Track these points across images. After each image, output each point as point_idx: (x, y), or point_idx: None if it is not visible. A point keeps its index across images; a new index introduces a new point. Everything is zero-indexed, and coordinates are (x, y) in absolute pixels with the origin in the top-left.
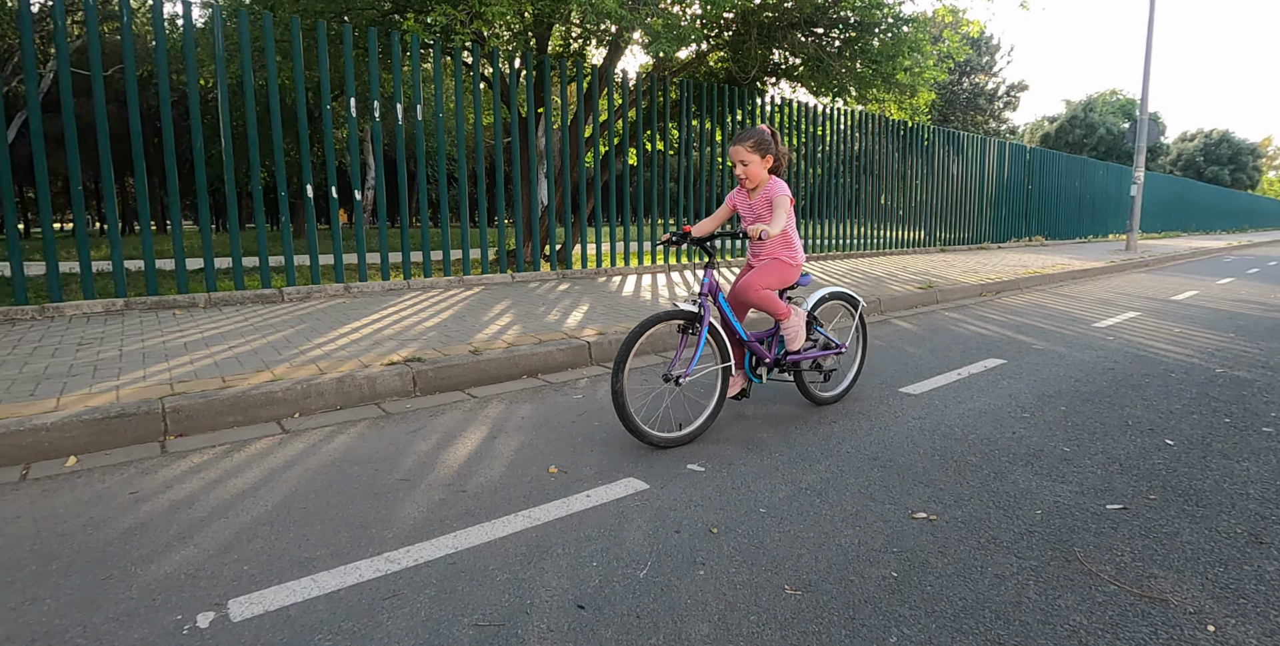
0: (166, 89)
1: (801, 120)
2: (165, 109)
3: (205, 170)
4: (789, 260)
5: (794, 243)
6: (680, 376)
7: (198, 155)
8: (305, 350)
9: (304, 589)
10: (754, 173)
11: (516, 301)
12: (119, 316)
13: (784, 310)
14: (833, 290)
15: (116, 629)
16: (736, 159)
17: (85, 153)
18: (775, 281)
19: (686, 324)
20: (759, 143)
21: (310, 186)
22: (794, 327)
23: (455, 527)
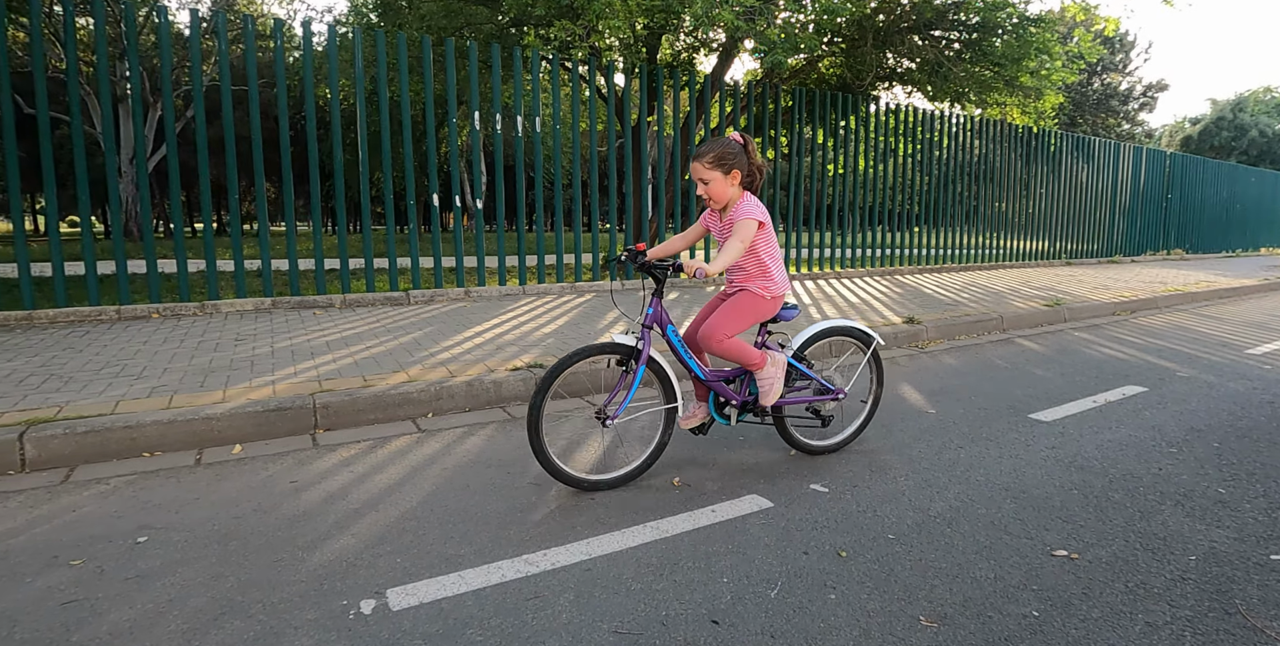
0: (313, 104)
1: (916, 126)
2: (311, 120)
3: (343, 177)
4: (761, 291)
5: (771, 270)
6: (609, 418)
7: (337, 164)
8: (434, 353)
9: (453, 584)
10: (716, 191)
11: (628, 309)
12: (267, 314)
13: (757, 359)
14: (834, 324)
15: (291, 609)
16: (695, 176)
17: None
18: (744, 322)
19: (624, 359)
20: (719, 157)
21: (436, 195)
22: (769, 379)
23: (586, 534)
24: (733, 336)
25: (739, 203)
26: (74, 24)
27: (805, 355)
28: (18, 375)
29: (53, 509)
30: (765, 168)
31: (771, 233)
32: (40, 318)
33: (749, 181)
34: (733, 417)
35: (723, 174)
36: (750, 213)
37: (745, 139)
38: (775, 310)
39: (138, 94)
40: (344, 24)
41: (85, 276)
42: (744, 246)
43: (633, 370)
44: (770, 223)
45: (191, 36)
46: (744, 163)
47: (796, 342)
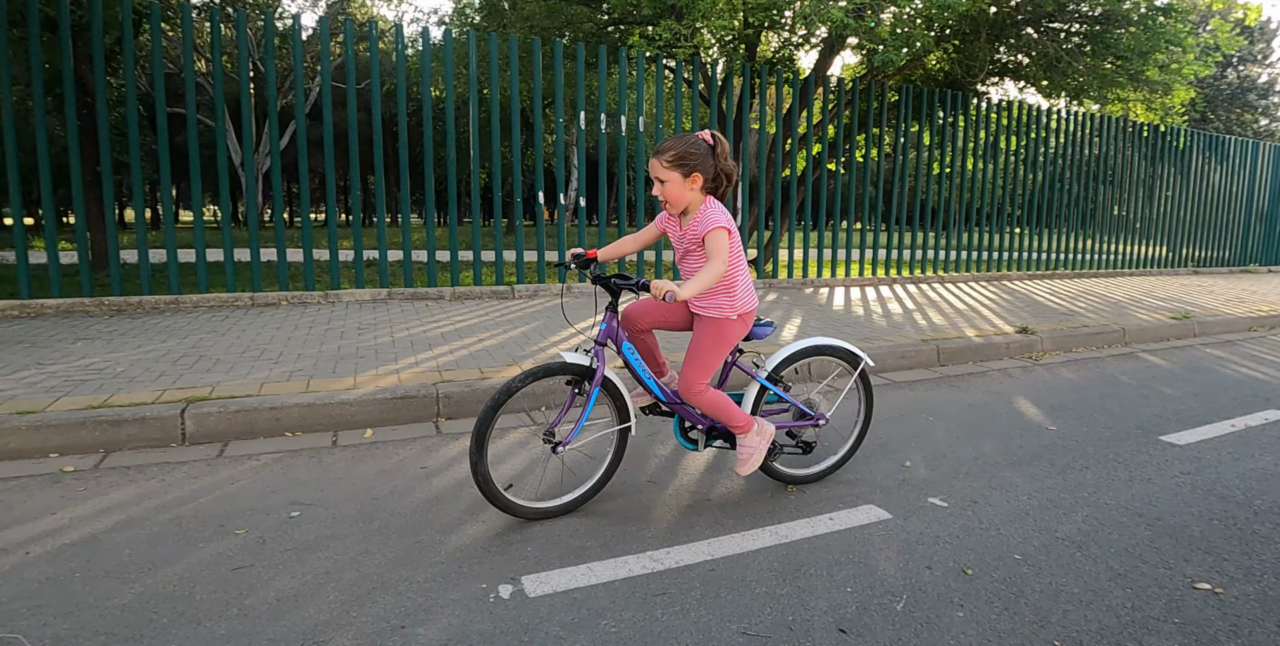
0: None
1: (1027, 123)
2: (425, 118)
3: (455, 171)
4: (726, 311)
5: (736, 282)
6: (559, 443)
7: (450, 162)
8: (544, 348)
9: (583, 575)
10: (673, 194)
11: None
12: (384, 304)
13: (742, 421)
14: (816, 343)
15: (435, 588)
16: (652, 174)
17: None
18: (717, 358)
19: (576, 379)
20: (679, 156)
21: (541, 192)
22: (750, 448)
23: (707, 535)
24: (708, 382)
25: (702, 209)
26: (220, 31)
27: (782, 377)
28: (172, 355)
29: (213, 480)
30: (736, 172)
31: (738, 241)
32: (185, 302)
33: (714, 187)
34: (700, 443)
35: (682, 175)
36: (716, 221)
37: (716, 140)
38: (744, 330)
39: (272, 93)
40: (450, 25)
41: (224, 264)
42: (724, 267)
43: (586, 392)
44: (736, 228)
45: (294, 37)
46: (708, 165)
47: (772, 363)
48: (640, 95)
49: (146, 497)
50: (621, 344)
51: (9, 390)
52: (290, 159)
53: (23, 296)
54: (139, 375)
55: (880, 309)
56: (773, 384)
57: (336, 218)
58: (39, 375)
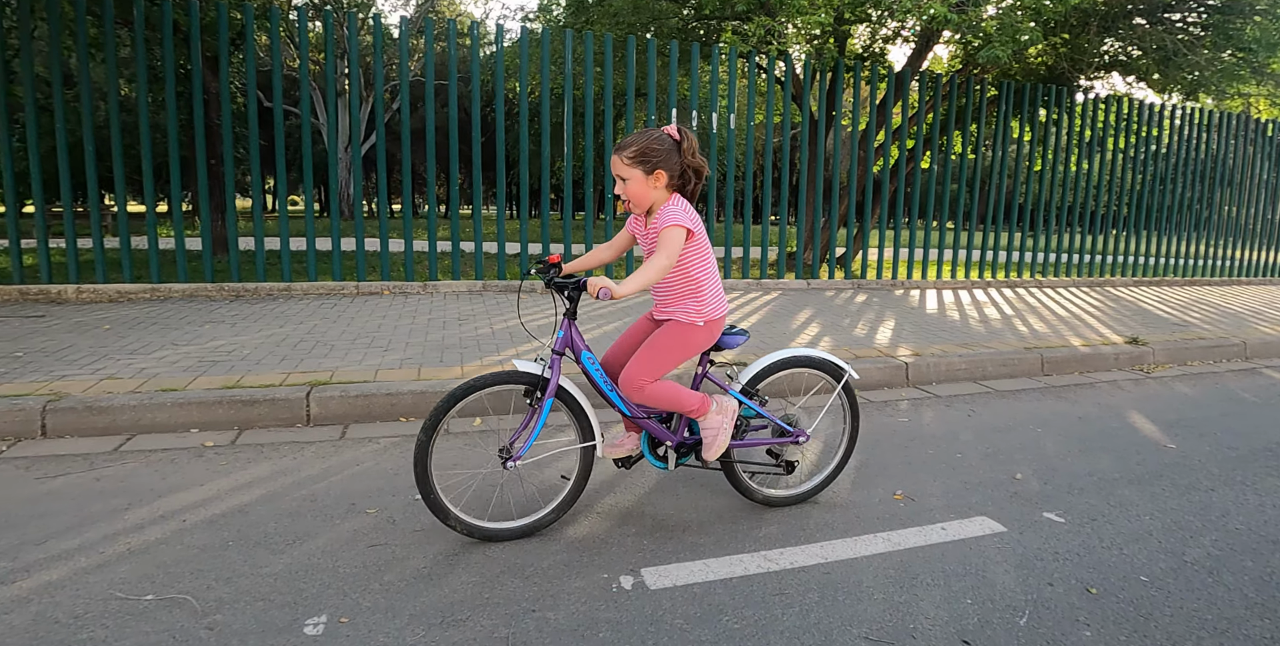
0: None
1: (1134, 119)
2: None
3: (550, 164)
4: (693, 317)
5: (703, 288)
6: (511, 459)
7: (544, 156)
8: None
9: (700, 571)
10: (635, 192)
11: (818, 310)
12: (479, 296)
13: (695, 404)
14: (795, 354)
15: (559, 575)
16: (614, 172)
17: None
18: (671, 360)
19: (531, 389)
20: (640, 152)
21: None
22: (714, 429)
23: (818, 538)
24: (658, 380)
25: (663, 207)
26: (307, 29)
27: (758, 390)
28: (291, 340)
29: (340, 461)
30: (705, 169)
31: (705, 243)
32: (296, 290)
33: (680, 184)
34: (670, 461)
35: (644, 173)
36: (675, 218)
37: (682, 135)
38: (711, 339)
39: (355, 89)
40: (534, 20)
41: (332, 254)
42: (670, 263)
43: (538, 403)
44: (703, 231)
45: (401, 34)
46: (673, 162)
47: (746, 376)
48: (731, 90)
49: (282, 474)
50: (581, 353)
51: (151, 368)
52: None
53: (153, 280)
54: (264, 358)
55: (976, 313)
56: (748, 397)
57: (435, 210)
58: (175, 355)
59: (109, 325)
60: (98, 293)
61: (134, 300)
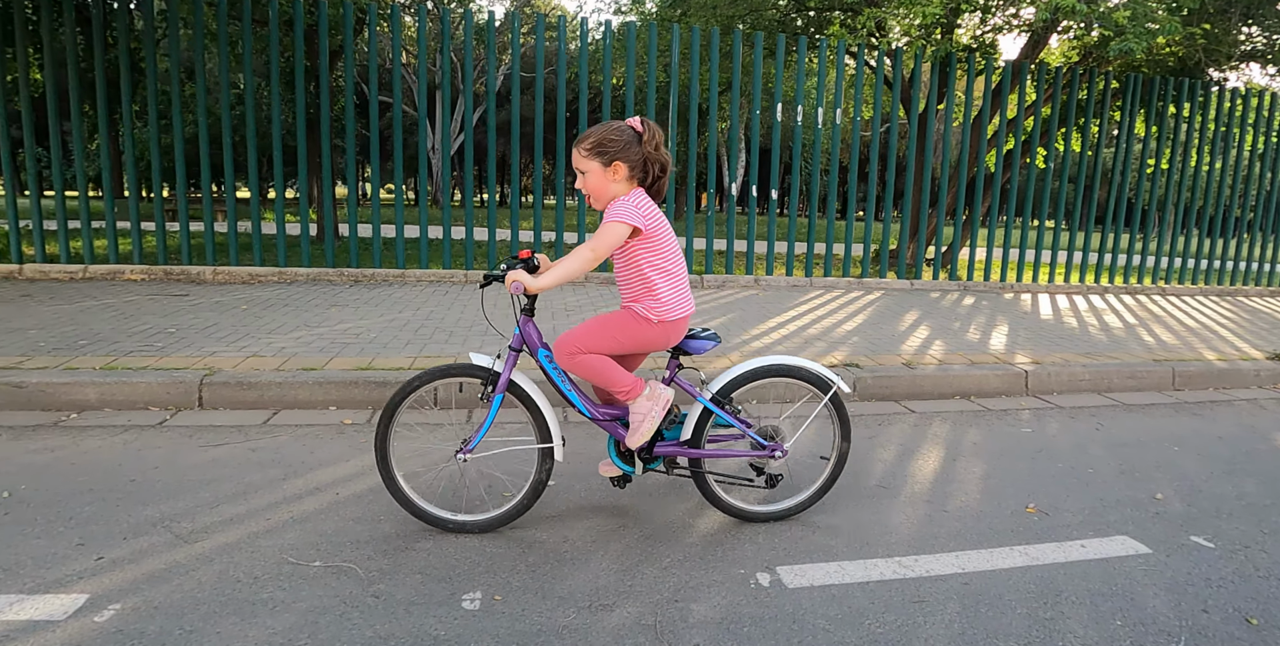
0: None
1: (1276, 115)
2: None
3: None
4: (646, 313)
5: (658, 289)
6: (462, 450)
7: None
8: (748, 340)
9: (836, 573)
10: (593, 186)
11: (925, 313)
12: (582, 288)
13: (626, 385)
14: (775, 362)
15: (695, 568)
16: (574, 165)
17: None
18: (609, 340)
19: (485, 383)
20: (598, 144)
21: (736, 183)
22: (640, 414)
23: (951, 547)
24: (589, 352)
25: (615, 201)
26: (398, 26)
27: (733, 399)
28: (412, 325)
29: None
30: (669, 162)
31: (663, 241)
32: (410, 277)
33: (642, 177)
34: (638, 466)
35: (601, 165)
36: (620, 215)
37: (645, 127)
38: (665, 339)
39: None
40: (627, 13)
41: (443, 241)
42: (594, 257)
43: (489, 397)
44: (662, 228)
45: (488, 28)
46: (632, 154)
47: (718, 383)
48: (839, 83)
49: (421, 454)
50: (537, 351)
51: (290, 348)
52: (476, 142)
53: (280, 264)
54: (389, 341)
55: (1095, 321)
56: (718, 406)
57: (540, 201)
58: (309, 336)
59: (246, 305)
60: (231, 274)
61: (264, 282)
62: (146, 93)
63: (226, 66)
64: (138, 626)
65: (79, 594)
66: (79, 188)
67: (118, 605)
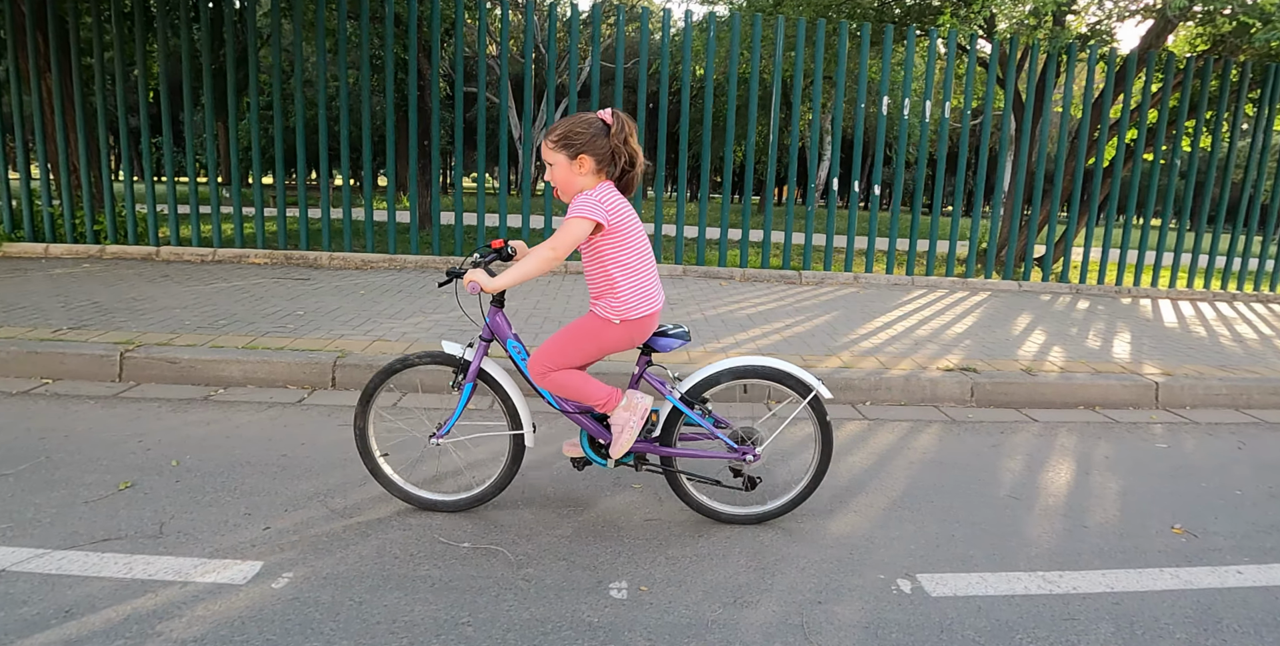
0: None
1: None
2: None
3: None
4: (608, 313)
5: (619, 286)
6: (435, 434)
7: (727, 140)
8: (854, 340)
9: (978, 584)
10: (560, 179)
11: (1038, 317)
12: (681, 281)
13: (602, 397)
14: (750, 363)
15: (834, 571)
16: (543, 158)
17: None
18: (578, 352)
19: (456, 371)
20: (563, 137)
21: (834, 178)
22: (620, 425)
23: (1096, 565)
24: (561, 368)
25: (579, 195)
26: (483, 19)
27: (706, 398)
28: (521, 314)
29: None
30: (641, 157)
31: (628, 237)
32: None
33: (611, 170)
34: (610, 460)
35: (567, 158)
36: (581, 210)
37: (616, 119)
38: (629, 339)
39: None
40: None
41: (543, 233)
42: (554, 256)
43: (460, 385)
44: (627, 223)
45: (572, 22)
46: (600, 147)
47: (689, 382)
48: (949, 74)
49: (546, 442)
50: (506, 341)
51: (410, 332)
52: None
53: (390, 251)
54: None
55: (1226, 330)
56: (688, 406)
57: (641, 193)
58: (426, 322)
59: (364, 291)
60: (346, 260)
61: (375, 268)
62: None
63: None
64: (311, 595)
65: (254, 561)
66: (189, 175)
67: (290, 573)
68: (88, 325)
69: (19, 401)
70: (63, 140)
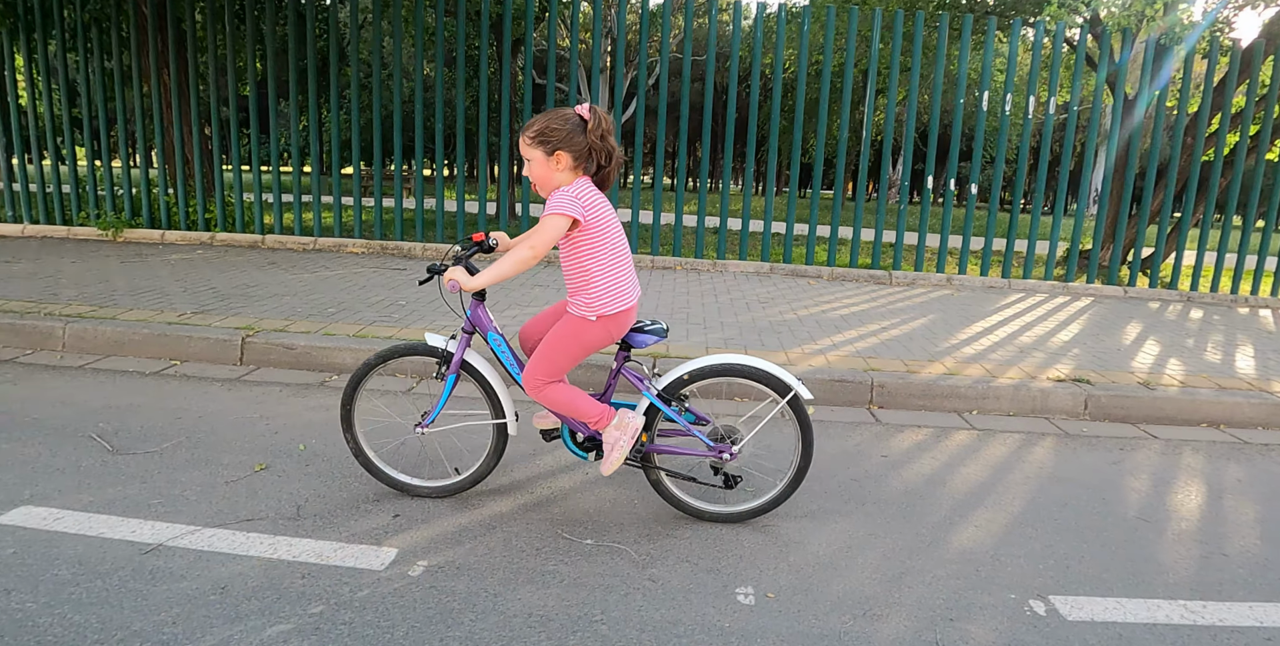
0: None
1: None
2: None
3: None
4: (584, 311)
5: (595, 282)
6: (418, 424)
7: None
8: (955, 346)
9: (1115, 610)
10: (537, 174)
11: (1149, 326)
12: (767, 278)
13: (594, 415)
14: (728, 361)
15: (962, 587)
16: (522, 153)
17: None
18: (567, 357)
19: (440, 362)
20: (540, 133)
21: (930, 176)
22: (610, 443)
23: (1240, 596)
24: (554, 380)
25: (556, 191)
26: (557, 11)
27: (684, 395)
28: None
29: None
30: (617, 152)
31: (605, 232)
32: None
33: (588, 166)
34: (593, 453)
35: (544, 154)
36: (557, 206)
37: (593, 115)
38: (607, 335)
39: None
40: None
41: (630, 226)
42: (532, 255)
43: (443, 376)
44: (603, 218)
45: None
46: (575, 143)
47: (667, 379)
48: (1035, 64)
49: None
50: (487, 333)
51: (510, 326)
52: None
53: None
54: None
55: None
56: (665, 403)
57: (729, 188)
58: (522, 315)
59: None
60: (437, 251)
61: None
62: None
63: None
64: (447, 584)
65: (389, 547)
66: (293, 165)
67: (424, 562)
68: (208, 310)
69: (154, 381)
70: (178, 132)
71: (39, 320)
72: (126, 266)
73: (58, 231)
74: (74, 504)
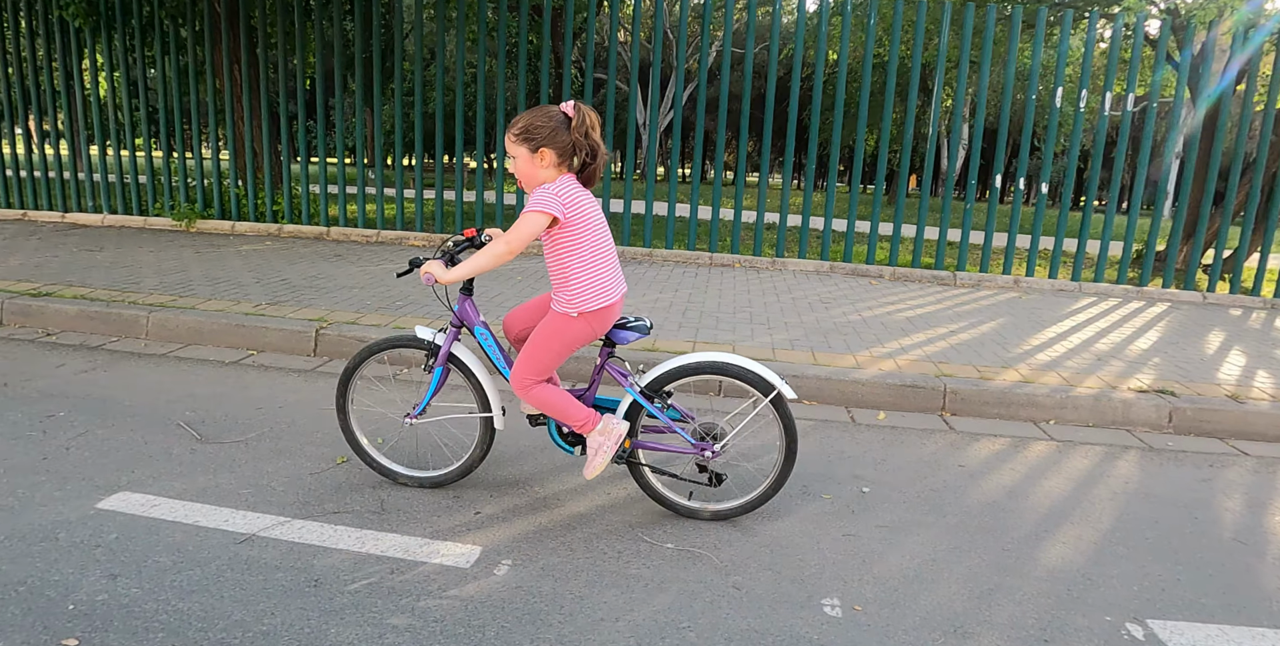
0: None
1: None
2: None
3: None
4: (565, 307)
5: (574, 279)
6: (408, 415)
7: (884, 130)
8: (1027, 352)
9: (1218, 637)
10: (522, 171)
11: (1233, 335)
12: (828, 277)
13: (580, 419)
14: (711, 359)
15: (1053, 607)
16: (507, 151)
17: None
18: (551, 355)
19: (429, 355)
20: (525, 129)
21: (999, 174)
22: (593, 447)
23: None
24: (542, 379)
25: (538, 188)
26: (611, 8)
27: (668, 393)
28: (677, 307)
29: (770, 437)
30: (601, 148)
31: (588, 230)
32: (656, 256)
33: (572, 163)
34: (577, 448)
35: (529, 151)
36: (538, 204)
37: (578, 112)
38: (590, 331)
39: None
40: None
41: (689, 222)
42: (508, 250)
43: (431, 368)
44: (585, 216)
45: (705, 5)
46: (560, 141)
47: (650, 376)
48: (1112, 58)
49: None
50: (474, 327)
51: None
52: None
53: None
54: (662, 323)
55: None
56: (648, 400)
57: (790, 185)
58: None
59: (520, 277)
60: None
61: (525, 254)
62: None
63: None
64: (533, 584)
65: (473, 545)
66: (356, 158)
67: (508, 561)
68: (281, 301)
69: (234, 370)
70: (247, 126)
71: (124, 308)
72: (202, 256)
73: (134, 221)
74: (168, 491)
